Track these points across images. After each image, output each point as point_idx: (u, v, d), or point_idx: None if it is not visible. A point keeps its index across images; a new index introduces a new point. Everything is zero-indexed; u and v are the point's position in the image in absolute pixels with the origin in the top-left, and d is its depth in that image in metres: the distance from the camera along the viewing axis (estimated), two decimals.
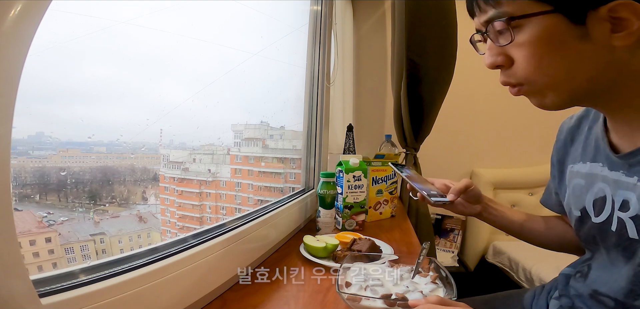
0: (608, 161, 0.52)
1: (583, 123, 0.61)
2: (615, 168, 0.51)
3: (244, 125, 1.06)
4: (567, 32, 0.42)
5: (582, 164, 0.58)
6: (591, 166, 0.56)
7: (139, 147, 0.70)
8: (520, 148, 2.02)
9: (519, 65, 0.46)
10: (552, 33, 0.43)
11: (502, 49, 0.47)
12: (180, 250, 0.52)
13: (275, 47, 1.04)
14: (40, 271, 0.50)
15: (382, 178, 1.18)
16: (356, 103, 1.93)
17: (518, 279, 1.64)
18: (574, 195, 0.59)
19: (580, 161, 0.59)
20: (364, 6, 1.97)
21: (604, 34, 0.41)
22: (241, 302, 0.61)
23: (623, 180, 0.49)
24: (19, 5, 0.27)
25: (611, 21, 0.41)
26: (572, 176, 0.60)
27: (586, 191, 0.56)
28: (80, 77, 0.55)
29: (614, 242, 0.50)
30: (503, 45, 0.47)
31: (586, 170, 0.57)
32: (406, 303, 0.52)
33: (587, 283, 0.57)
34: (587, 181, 0.56)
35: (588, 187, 0.56)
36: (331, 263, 0.75)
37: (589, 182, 0.56)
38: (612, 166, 0.51)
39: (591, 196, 0.55)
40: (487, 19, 0.47)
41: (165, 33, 0.65)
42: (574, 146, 0.62)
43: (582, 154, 0.59)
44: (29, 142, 0.53)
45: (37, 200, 0.57)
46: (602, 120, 0.55)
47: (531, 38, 0.44)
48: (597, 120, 0.57)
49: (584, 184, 0.57)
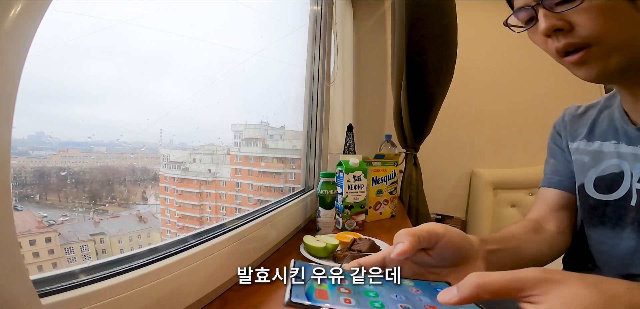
0: (626, 137, 0.53)
1: (590, 110, 0.63)
2: (635, 142, 0.52)
3: (244, 125, 1.06)
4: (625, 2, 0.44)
5: (587, 142, 0.60)
6: (601, 144, 0.57)
7: (139, 147, 0.70)
8: (520, 148, 2.02)
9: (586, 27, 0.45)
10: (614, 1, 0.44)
11: (561, 15, 0.46)
12: (180, 249, 0.52)
13: (275, 47, 1.04)
14: (40, 271, 0.50)
15: (382, 178, 1.18)
16: (356, 103, 1.93)
17: None
18: (575, 170, 0.60)
19: (586, 139, 0.60)
20: (364, 6, 1.97)
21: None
22: (241, 302, 0.61)
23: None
24: (19, 5, 0.27)
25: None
26: (574, 153, 0.62)
27: (589, 169, 0.57)
28: (81, 77, 0.55)
29: (633, 217, 0.51)
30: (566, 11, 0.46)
31: (594, 148, 0.58)
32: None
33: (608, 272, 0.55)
34: (592, 159, 0.57)
35: (593, 164, 0.57)
36: (331, 263, 0.75)
37: (596, 159, 0.57)
38: (630, 141, 0.53)
39: (594, 174, 0.56)
40: None
41: (165, 33, 0.65)
42: (578, 126, 0.63)
43: (589, 133, 0.60)
44: (29, 142, 0.53)
45: (37, 200, 0.56)
46: (617, 103, 0.56)
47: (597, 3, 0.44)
48: (608, 106, 0.59)
49: (588, 161, 0.58)
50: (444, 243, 0.41)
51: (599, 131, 0.59)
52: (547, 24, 0.47)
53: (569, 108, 0.68)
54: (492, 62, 2.01)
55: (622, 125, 0.54)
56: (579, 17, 0.46)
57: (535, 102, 1.95)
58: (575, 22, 0.46)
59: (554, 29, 0.47)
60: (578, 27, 0.46)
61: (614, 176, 0.53)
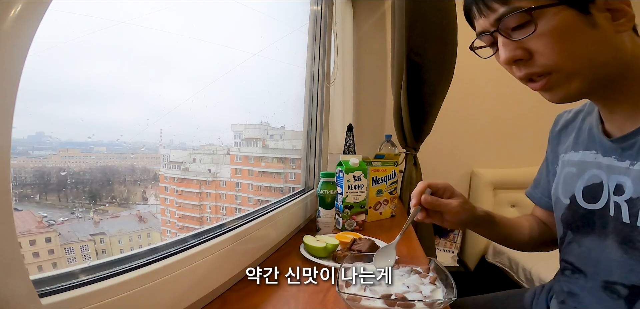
0: (602, 148, 0.54)
1: (578, 116, 0.63)
2: (608, 154, 0.52)
3: (244, 125, 1.06)
4: (579, 20, 0.44)
5: (573, 153, 0.60)
6: (584, 154, 0.58)
7: (139, 147, 0.70)
8: (520, 148, 2.02)
9: (543, 54, 0.46)
10: (567, 21, 0.44)
11: (518, 43, 0.47)
12: (180, 249, 0.52)
13: (275, 47, 1.04)
14: (40, 271, 0.50)
15: (382, 178, 1.18)
16: (356, 103, 1.93)
17: (518, 279, 1.64)
18: (565, 183, 0.61)
19: (572, 150, 0.61)
20: (364, 6, 1.97)
21: (607, 21, 0.44)
22: (241, 302, 0.61)
23: (616, 164, 0.51)
24: (19, 5, 0.27)
25: (609, 11, 0.44)
26: (564, 165, 0.62)
27: (577, 178, 0.58)
28: (81, 77, 0.55)
29: (612, 228, 0.51)
30: (521, 39, 0.46)
31: (578, 158, 0.59)
32: (406, 303, 0.52)
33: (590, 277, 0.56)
34: (578, 169, 0.58)
35: (579, 174, 0.57)
36: (331, 263, 0.75)
37: (581, 169, 0.57)
38: (605, 152, 0.53)
39: (582, 184, 0.56)
40: (500, 15, 0.47)
41: (165, 33, 0.65)
42: (567, 136, 0.64)
43: (574, 143, 0.61)
44: (29, 142, 0.53)
45: (37, 200, 0.56)
46: (596, 110, 0.57)
47: (551, 27, 0.44)
48: (590, 112, 0.59)
49: (575, 172, 0.58)
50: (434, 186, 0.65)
51: (581, 140, 0.59)
52: (506, 55, 0.48)
53: (560, 115, 0.68)
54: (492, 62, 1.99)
55: (599, 136, 0.55)
56: (537, 45, 0.46)
57: (535, 102, 1.94)
58: (533, 49, 0.46)
59: (513, 59, 0.48)
60: (537, 55, 0.46)
61: (596, 186, 0.54)
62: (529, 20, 0.45)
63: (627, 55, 0.47)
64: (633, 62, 0.47)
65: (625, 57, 0.47)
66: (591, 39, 0.45)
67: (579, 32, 0.44)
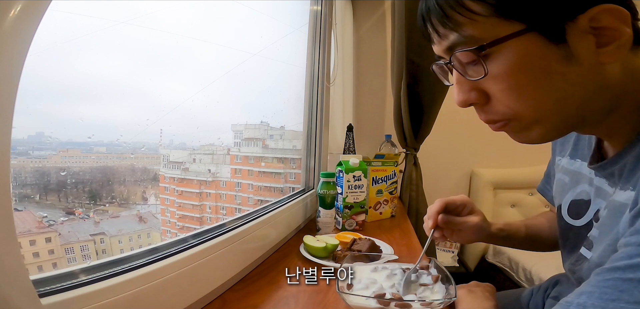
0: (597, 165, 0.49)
1: None
2: (599, 174, 0.47)
3: (244, 125, 1.06)
4: (549, 53, 0.34)
5: (569, 160, 0.55)
6: (581, 164, 0.52)
7: (139, 147, 0.70)
8: (520, 148, 2.01)
9: (499, 101, 0.38)
10: (531, 57, 0.35)
11: (473, 83, 0.39)
12: (180, 249, 0.52)
13: (275, 47, 1.04)
14: (40, 271, 0.50)
15: (382, 178, 1.18)
16: (356, 103, 1.93)
17: (518, 279, 1.64)
18: (556, 189, 0.58)
19: (569, 156, 0.56)
20: (364, 6, 1.97)
21: (589, 50, 0.34)
22: (241, 302, 0.61)
23: (604, 187, 0.45)
24: (19, 5, 0.27)
25: (594, 33, 0.34)
26: (558, 170, 0.59)
27: (568, 189, 0.54)
28: (81, 77, 0.55)
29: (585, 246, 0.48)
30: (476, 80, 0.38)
31: (574, 167, 0.54)
32: (403, 303, 0.52)
33: None
34: (571, 179, 0.54)
35: (571, 185, 0.53)
36: (331, 263, 0.75)
37: (574, 181, 0.53)
38: (598, 171, 0.47)
39: (571, 196, 0.52)
40: (450, 45, 0.39)
41: (165, 33, 0.65)
42: (569, 137, 0.58)
43: (573, 150, 0.55)
44: (29, 142, 0.53)
45: (37, 200, 0.56)
46: None
47: (508, 67, 0.36)
48: None
49: (568, 181, 0.54)
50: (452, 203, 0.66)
51: (580, 148, 0.53)
52: (459, 98, 0.41)
53: None
54: None
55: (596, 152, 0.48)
56: (492, 88, 0.38)
57: None
58: (490, 91, 0.39)
59: (467, 104, 0.41)
60: (494, 99, 0.39)
61: (582, 203, 0.50)
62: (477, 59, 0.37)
63: (614, 89, 0.37)
64: (623, 96, 0.37)
65: (611, 93, 0.37)
66: (563, 78, 0.35)
67: (547, 71, 0.35)
